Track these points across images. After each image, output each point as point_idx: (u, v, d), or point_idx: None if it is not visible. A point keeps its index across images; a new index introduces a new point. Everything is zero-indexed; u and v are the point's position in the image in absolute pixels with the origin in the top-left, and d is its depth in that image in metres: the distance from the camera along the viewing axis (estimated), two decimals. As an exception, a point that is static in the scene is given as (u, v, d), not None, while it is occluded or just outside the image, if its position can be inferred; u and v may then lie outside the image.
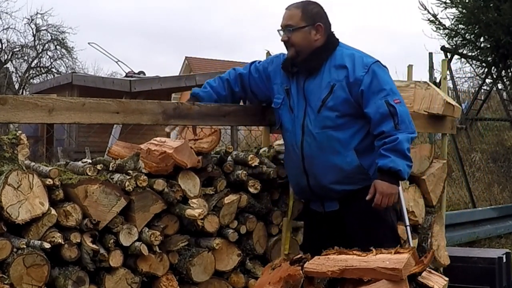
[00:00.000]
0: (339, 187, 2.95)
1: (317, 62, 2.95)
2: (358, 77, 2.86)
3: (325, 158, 2.92)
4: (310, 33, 2.96)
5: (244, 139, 10.15)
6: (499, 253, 4.42)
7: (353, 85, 2.87)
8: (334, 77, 2.91)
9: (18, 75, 23.39)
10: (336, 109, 2.90)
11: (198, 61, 28.41)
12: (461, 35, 9.42)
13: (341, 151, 2.91)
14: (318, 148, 2.94)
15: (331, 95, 2.89)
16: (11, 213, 2.56)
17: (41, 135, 12.75)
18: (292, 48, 2.98)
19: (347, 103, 2.89)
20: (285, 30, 2.98)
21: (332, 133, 2.91)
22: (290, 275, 2.40)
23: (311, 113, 2.95)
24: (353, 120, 2.92)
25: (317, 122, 2.93)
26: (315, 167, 2.96)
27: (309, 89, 2.97)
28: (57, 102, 2.89)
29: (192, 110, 3.24)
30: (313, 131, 2.93)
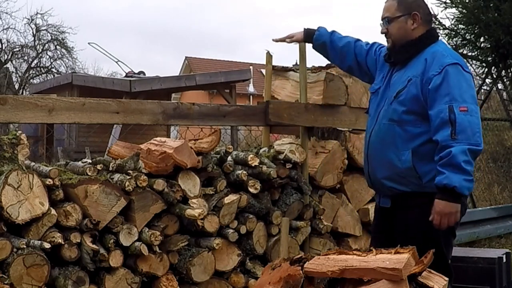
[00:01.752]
0: (389, 183, 2.90)
1: (403, 55, 2.93)
2: (430, 75, 2.78)
3: (382, 151, 2.90)
4: (407, 22, 2.92)
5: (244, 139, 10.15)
6: (499, 253, 4.42)
7: (424, 84, 2.79)
8: (414, 72, 2.86)
9: (18, 75, 23.39)
10: (404, 104, 2.84)
11: (198, 61, 28.42)
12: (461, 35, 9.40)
13: (399, 148, 2.84)
14: (380, 138, 2.93)
15: (405, 89, 2.85)
16: (11, 213, 2.56)
17: (41, 135, 12.76)
18: (389, 40, 2.98)
19: (416, 100, 2.81)
20: (383, 22, 2.98)
21: (395, 128, 2.86)
22: (290, 275, 2.40)
23: (386, 103, 2.94)
24: (419, 121, 2.81)
25: (386, 113, 2.91)
26: (374, 158, 2.97)
27: (393, 80, 2.97)
28: (57, 102, 2.89)
29: (192, 110, 3.24)
30: (382, 120, 2.93)
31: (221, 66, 22.77)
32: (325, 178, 3.78)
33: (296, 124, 3.74)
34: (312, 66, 4.02)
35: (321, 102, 3.80)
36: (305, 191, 3.56)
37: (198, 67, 25.97)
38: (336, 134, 3.98)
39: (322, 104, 3.79)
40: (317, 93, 3.83)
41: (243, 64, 24.65)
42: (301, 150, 3.62)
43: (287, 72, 4.09)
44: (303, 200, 3.56)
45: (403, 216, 2.89)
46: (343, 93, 3.89)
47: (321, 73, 3.86)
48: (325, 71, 3.88)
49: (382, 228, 3.03)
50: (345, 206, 3.92)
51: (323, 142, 3.90)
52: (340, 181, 3.90)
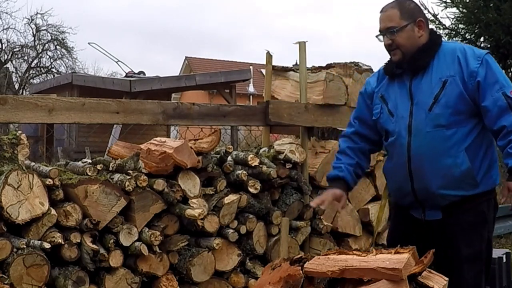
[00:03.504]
0: (446, 192, 2.75)
1: (425, 59, 2.79)
2: (473, 69, 2.69)
3: (435, 159, 2.73)
4: (414, 30, 2.80)
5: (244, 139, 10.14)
6: (499, 253, 4.41)
7: (468, 79, 2.70)
8: (445, 72, 2.74)
9: (18, 75, 23.41)
10: (449, 105, 2.71)
11: (198, 61, 28.44)
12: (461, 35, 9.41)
13: (453, 152, 2.72)
14: (428, 148, 2.74)
15: (443, 91, 2.72)
16: (11, 213, 2.56)
17: (41, 135, 12.76)
18: (397, 51, 2.81)
19: (461, 99, 2.71)
20: (386, 33, 2.81)
21: (445, 132, 2.72)
22: (290, 275, 2.40)
23: (419, 112, 2.76)
24: (466, 119, 2.74)
25: (428, 120, 2.74)
26: (423, 170, 2.76)
27: (418, 87, 2.80)
28: (57, 102, 2.89)
29: (192, 110, 3.24)
30: (423, 130, 2.75)
31: (221, 66, 22.77)
32: (325, 178, 3.78)
33: (296, 124, 3.74)
34: (312, 66, 4.03)
35: (321, 102, 3.80)
36: (305, 191, 3.56)
37: (198, 67, 25.98)
38: (336, 134, 3.98)
39: (322, 104, 3.79)
40: (317, 93, 3.83)
41: (243, 64, 24.65)
42: (301, 150, 3.62)
43: (287, 72, 4.09)
44: (303, 200, 3.56)
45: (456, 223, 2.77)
46: (343, 93, 3.89)
47: (321, 73, 3.87)
48: (325, 71, 3.89)
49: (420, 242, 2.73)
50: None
51: (323, 142, 3.90)
52: (340, 181, 3.89)
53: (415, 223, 2.89)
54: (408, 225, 2.92)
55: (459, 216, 2.77)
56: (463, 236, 2.76)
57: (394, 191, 3.04)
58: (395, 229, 3.07)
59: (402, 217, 2.98)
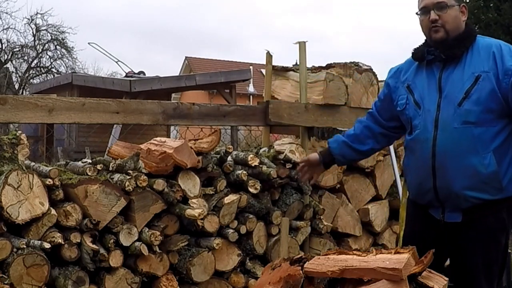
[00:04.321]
0: (470, 193, 2.62)
1: (460, 49, 2.66)
2: (509, 66, 2.57)
3: (461, 157, 2.61)
4: (459, 14, 2.69)
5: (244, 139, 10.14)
6: (499, 253, 4.42)
7: (503, 76, 2.57)
8: (479, 67, 2.62)
9: (18, 75, 23.40)
10: (480, 102, 2.59)
11: (198, 61, 28.44)
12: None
13: (480, 151, 2.59)
14: (454, 145, 2.62)
15: (475, 86, 2.59)
16: (11, 213, 2.56)
17: (41, 135, 12.76)
18: (442, 29, 2.67)
19: (493, 96, 2.59)
20: (434, 8, 2.66)
21: (473, 130, 2.59)
22: (290, 275, 2.40)
23: (448, 106, 2.64)
24: (496, 119, 2.61)
25: (457, 116, 2.61)
26: (448, 167, 2.64)
27: (448, 80, 2.67)
28: (57, 102, 2.90)
29: (192, 110, 3.24)
30: (451, 125, 2.62)
31: (221, 66, 22.77)
32: (325, 178, 3.78)
33: (296, 124, 3.74)
34: (312, 66, 4.03)
35: (321, 102, 3.80)
36: (305, 191, 3.56)
37: (198, 67, 25.98)
38: (336, 134, 3.98)
39: (322, 104, 3.80)
40: (317, 93, 3.83)
41: (243, 64, 24.66)
42: (301, 150, 3.62)
43: (287, 72, 4.10)
44: (303, 200, 3.56)
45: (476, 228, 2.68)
46: (343, 93, 3.89)
47: (321, 73, 3.87)
48: (325, 71, 3.89)
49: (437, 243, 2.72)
50: (345, 206, 3.93)
51: (323, 142, 3.90)
52: (340, 181, 3.90)
53: (434, 224, 2.77)
54: (426, 225, 2.81)
55: (479, 221, 2.66)
56: (481, 242, 2.67)
57: (414, 188, 2.89)
58: (412, 229, 2.96)
59: (420, 216, 2.86)
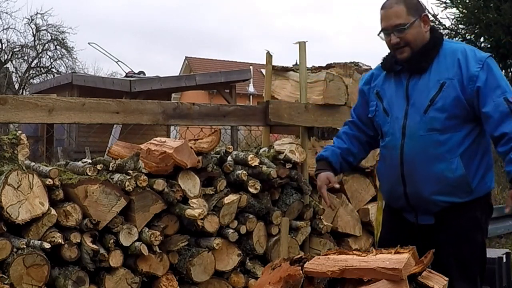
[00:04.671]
0: (440, 198, 2.68)
1: (427, 61, 2.69)
2: (473, 73, 2.60)
3: (428, 164, 2.66)
4: (420, 26, 2.69)
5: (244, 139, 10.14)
6: (499, 253, 4.41)
7: (467, 83, 2.60)
8: (444, 74, 2.65)
9: (18, 75, 23.40)
10: (445, 109, 2.63)
11: (198, 61, 28.44)
12: (461, 35, 9.41)
13: (447, 157, 2.64)
14: (421, 152, 2.66)
15: (440, 94, 2.63)
16: (11, 213, 2.56)
17: (41, 135, 12.77)
18: (406, 48, 2.68)
19: (457, 103, 2.63)
20: (394, 31, 2.67)
21: (438, 137, 2.64)
22: (290, 275, 2.40)
23: (414, 114, 2.68)
24: (462, 124, 2.65)
25: (422, 123, 2.66)
26: (416, 174, 2.69)
27: (415, 88, 2.70)
28: (57, 102, 2.90)
29: (192, 110, 3.24)
30: (417, 133, 2.66)
31: (221, 66, 22.77)
32: (325, 178, 3.77)
33: (296, 124, 3.74)
34: (312, 66, 4.03)
35: (321, 102, 3.80)
36: (305, 191, 3.56)
37: (198, 67, 25.99)
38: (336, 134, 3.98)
39: (322, 104, 3.79)
40: (317, 93, 3.83)
41: (243, 64, 24.66)
42: (301, 150, 3.62)
43: (287, 72, 4.10)
44: (303, 200, 3.56)
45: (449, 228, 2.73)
46: (343, 93, 3.89)
47: (321, 73, 3.87)
48: (325, 71, 3.89)
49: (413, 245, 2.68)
50: (345, 206, 3.93)
51: (323, 142, 3.90)
52: (340, 181, 3.89)
53: (408, 226, 2.82)
54: (401, 228, 2.86)
55: (451, 222, 2.71)
56: (454, 243, 2.71)
57: (386, 193, 2.98)
58: (387, 231, 3.00)
59: (395, 219, 2.91)
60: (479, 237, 2.75)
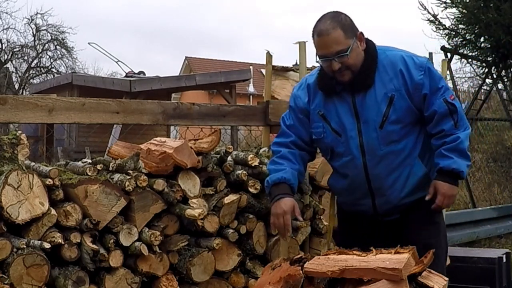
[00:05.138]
0: (408, 200, 2.79)
1: (370, 77, 2.68)
2: (418, 81, 2.66)
3: (393, 174, 2.74)
4: (358, 46, 2.67)
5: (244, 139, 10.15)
6: (499, 253, 4.42)
7: (414, 91, 2.67)
8: (389, 86, 2.68)
9: (18, 75, 23.43)
10: (399, 120, 2.70)
11: (198, 61, 28.45)
12: (461, 35, 9.41)
13: (409, 162, 2.74)
14: (385, 165, 2.73)
15: (391, 108, 2.67)
16: (11, 213, 2.56)
17: (41, 135, 12.78)
18: (347, 71, 2.66)
19: (409, 111, 2.71)
20: (334, 57, 2.62)
21: (397, 147, 2.72)
22: (290, 275, 2.40)
23: (369, 130, 2.71)
24: (412, 128, 2.75)
25: (381, 139, 2.70)
26: (384, 186, 2.77)
27: (363, 104, 2.71)
28: (57, 102, 2.89)
29: (192, 110, 3.24)
30: (377, 149, 2.71)
31: (221, 66, 22.78)
32: (325, 178, 3.77)
33: (296, 124, 3.73)
34: (312, 66, 4.02)
35: (321, 102, 3.79)
36: (305, 191, 3.56)
37: (198, 67, 26.00)
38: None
39: (322, 104, 3.79)
40: (317, 93, 3.83)
41: (243, 64, 24.67)
42: (301, 150, 3.61)
43: (287, 72, 4.10)
44: (303, 200, 3.56)
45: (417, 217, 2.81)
46: (343, 93, 3.88)
47: (321, 73, 3.86)
48: (325, 71, 3.88)
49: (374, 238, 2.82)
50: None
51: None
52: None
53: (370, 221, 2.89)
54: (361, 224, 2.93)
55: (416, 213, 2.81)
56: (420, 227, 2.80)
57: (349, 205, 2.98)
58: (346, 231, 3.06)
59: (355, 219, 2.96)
60: (440, 221, 2.89)
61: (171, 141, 3.16)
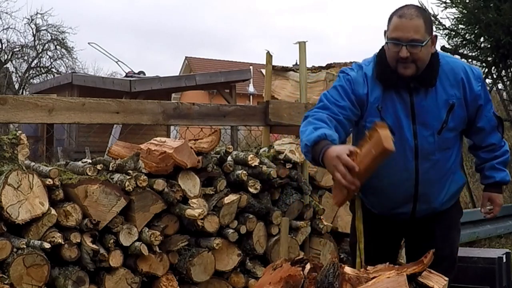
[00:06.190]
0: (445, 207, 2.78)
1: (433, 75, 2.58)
2: (477, 92, 2.63)
3: (442, 180, 2.71)
4: (430, 46, 2.55)
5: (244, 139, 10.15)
6: (499, 253, 4.42)
7: (472, 101, 2.63)
8: (451, 93, 2.60)
9: (18, 75, 23.41)
10: (455, 129, 2.66)
11: (198, 61, 28.44)
12: (461, 35, 9.40)
13: (453, 169, 2.74)
14: (436, 171, 2.67)
15: (451, 115, 2.60)
16: (11, 213, 2.56)
17: (41, 135, 12.77)
18: (412, 65, 2.50)
19: (463, 121, 2.67)
20: (408, 45, 2.47)
21: (448, 153, 2.69)
22: (291, 275, 2.40)
23: (427, 135, 2.61)
24: (459, 136, 2.74)
25: (437, 144, 2.63)
26: (431, 192, 2.70)
27: (422, 107, 2.58)
28: (57, 102, 2.90)
29: (192, 110, 3.24)
30: (432, 154, 2.63)
31: (221, 66, 22.77)
32: (325, 178, 3.78)
33: (296, 124, 3.73)
34: (312, 66, 4.03)
35: (321, 102, 3.79)
36: (305, 191, 3.56)
37: (198, 67, 25.99)
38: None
39: (322, 104, 3.79)
40: (317, 93, 3.83)
41: (243, 64, 24.65)
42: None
43: (287, 72, 4.10)
44: (303, 200, 3.56)
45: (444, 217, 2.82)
46: (343, 93, 3.88)
47: (321, 73, 3.87)
48: (325, 71, 3.90)
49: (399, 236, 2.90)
50: (345, 206, 3.92)
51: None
52: (340, 181, 3.89)
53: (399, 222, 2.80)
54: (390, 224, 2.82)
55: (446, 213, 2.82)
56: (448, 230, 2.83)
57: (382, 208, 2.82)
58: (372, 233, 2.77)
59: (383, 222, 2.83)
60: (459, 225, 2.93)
61: (171, 141, 3.16)
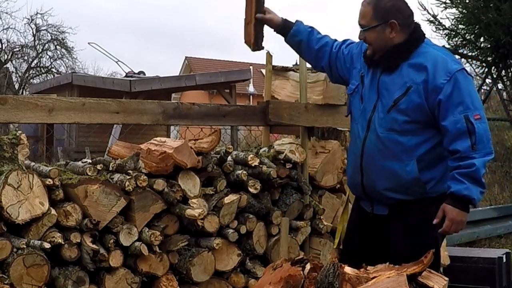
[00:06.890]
0: (391, 194, 2.77)
1: (395, 60, 2.74)
2: (438, 84, 2.61)
3: (383, 162, 2.73)
4: (384, 31, 2.72)
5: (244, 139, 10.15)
6: (499, 253, 4.42)
7: (431, 92, 2.62)
8: (411, 77, 2.68)
9: (18, 75, 23.41)
10: (406, 113, 2.68)
11: (198, 61, 28.44)
12: (461, 35, 9.39)
13: (403, 158, 2.70)
14: (379, 149, 2.74)
15: (404, 97, 2.67)
16: (11, 213, 2.56)
17: (41, 135, 12.77)
18: (370, 47, 2.80)
19: (420, 109, 2.66)
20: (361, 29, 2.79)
21: (397, 137, 2.70)
22: (291, 275, 2.40)
23: (380, 110, 2.75)
24: (422, 129, 2.70)
25: (383, 122, 2.73)
26: (372, 168, 2.78)
27: (384, 83, 2.76)
28: (57, 102, 2.89)
29: (192, 110, 3.24)
30: (377, 130, 2.74)
31: (221, 66, 22.77)
32: (325, 178, 3.78)
33: (296, 124, 3.74)
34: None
35: (321, 102, 3.79)
36: (305, 191, 3.56)
37: (198, 67, 25.99)
38: (336, 134, 3.98)
39: (322, 104, 3.79)
40: (317, 93, 3.83)
41: (243, 64, 24.63)
42: (301, 150, 3.62)
43: (287, 72, 4.09)
44: (303, 200, 3.56)
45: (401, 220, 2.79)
46: (343, 93, 3.88)
47: (321, 73, 3.86)
48: (325, 71, 3.88)
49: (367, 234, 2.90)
50: (345, 205, 3.92)
51: (323, 142, 3.90)
52: (340, 181, 3.90)
53: (365, 216, 2.92)
54: (359, 215, 2.98)
55: (404, 215, 2.78)
56: (405, 235, 2.77)
57: (348, 179, 3.06)
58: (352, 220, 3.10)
59: (357, 208, 3.02)
60: (433, 232, 2.74)
61: (171, 141, 3.16)
